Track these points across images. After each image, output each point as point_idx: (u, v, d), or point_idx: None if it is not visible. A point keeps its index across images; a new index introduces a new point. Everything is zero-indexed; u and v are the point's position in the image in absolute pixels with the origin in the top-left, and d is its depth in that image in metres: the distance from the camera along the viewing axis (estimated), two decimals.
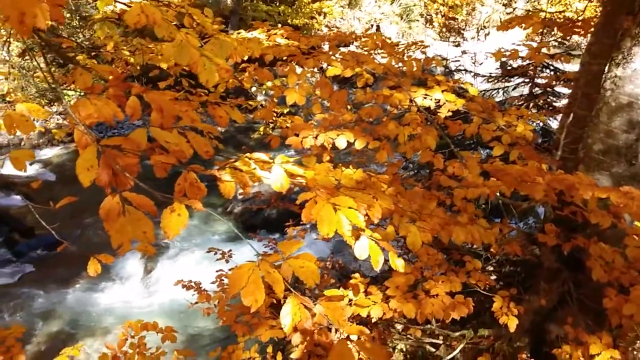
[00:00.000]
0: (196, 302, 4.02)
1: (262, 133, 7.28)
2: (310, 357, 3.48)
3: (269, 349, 3.66)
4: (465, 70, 7.03)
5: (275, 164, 2.01)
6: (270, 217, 8.78)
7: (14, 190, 10.06)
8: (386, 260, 1.94)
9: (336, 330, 3.60)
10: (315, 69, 3.68)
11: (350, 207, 1.84)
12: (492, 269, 4.98)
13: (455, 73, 7.11)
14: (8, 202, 9.65)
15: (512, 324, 3.05)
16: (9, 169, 11.05)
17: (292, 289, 1.61)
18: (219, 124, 2.12)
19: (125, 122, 13.43)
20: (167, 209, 1.50)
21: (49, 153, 12.01)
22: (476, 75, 6.84)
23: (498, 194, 3.59)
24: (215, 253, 4.42)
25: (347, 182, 2.52)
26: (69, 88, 11.55)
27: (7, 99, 11.29)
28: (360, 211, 1.87)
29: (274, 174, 1.96)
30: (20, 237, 8.58)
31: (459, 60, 7.24)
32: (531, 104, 6.58)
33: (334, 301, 1.68)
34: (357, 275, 3.31)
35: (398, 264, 2.03)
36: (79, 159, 1.46)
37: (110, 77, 1.82)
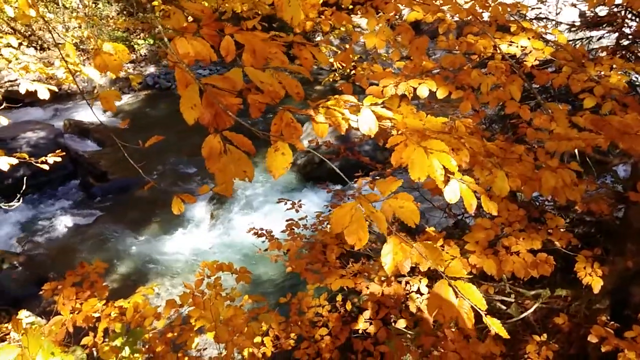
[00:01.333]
0: (266, 249, 4.10)
1: (330, 81, 7.15)
2: (380, 307, 3.50)
3: (338, 298, 3.70)
4: (546, 18, 6.55)
5: (364, 106, 1.95)
6: (333, 169, 8.77)
7: (88, 137, 10.53)
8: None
9: (406, 283, 3.58)
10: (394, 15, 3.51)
11: (441, 151, 1.78)
12: (562, 230, 4.78)
13: (534, 22, 6.65)
14: (83, 147, 10.14)
15: (597, 285, 2.91)
16: (82, 116, 11.55)
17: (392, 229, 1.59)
18: (303, 65, 2.06)
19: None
20: (271, 148, 1.49)
21: (120, 101, 12.40)
22: (557, 23, 6.37)
23: (577, 150, 3.36)
24: (285, 203, 4.45)
25: (432, 126, 2.43)
26: (138, 37, 11.78)
27: (81, 46, 11.63)
28: (450, 155, 1.81)
29: (363, 117, 1.90)
30: (95, 181, 9.03)
31: (539, 8, 6.75)
32: (617, 55, 6.08)
33: (432, 241, 1.65)
34: (431, 228, 3.25)
35: (491, 206, 1.96)
36: (182, 97, 1.45)
37: (203, 16, 1.78)
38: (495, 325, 1.82)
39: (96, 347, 2.50)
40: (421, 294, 3.51)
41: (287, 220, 4.08)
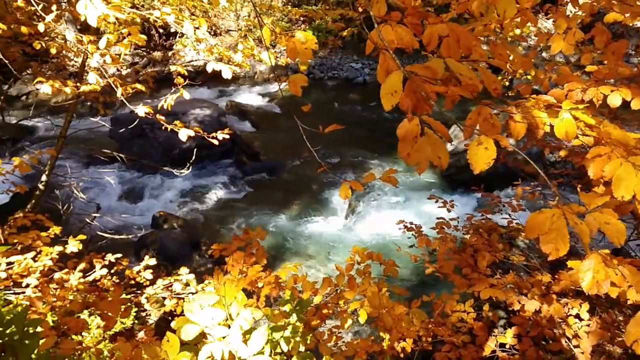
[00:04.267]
0: (412, 246, 4.07)
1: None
2: (532, 325, 3.29)
3: (485, 307, 3.55)
4: None
5: (563, 109, 1.84)
6: (477, 174, 8.43)
7: (245, 118, 11.33)
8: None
9: (565, 304, 3.32)
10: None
11: None
12: None
13: None
14: (241, 127, 10.93)
15: None
16: (242, 98, 12.46)
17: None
18: (498, 62, 1.99)
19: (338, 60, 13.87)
20: (474, 141, 1.47)
21: (275, 88, 13.20)
22: None
23: None
24: (437, 201, 4.37)
25: (630, 140, 2.21)
26: (299, 27, 12.36)
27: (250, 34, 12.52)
28: None
29: (563, 120, 1.79)
30: (248, 160, 9.70)
31: None
32: None
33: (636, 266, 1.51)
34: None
35: None
36: (384, 83, 1.48)
37: (405, 6, 1.80)
38: None
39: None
40: (580, 320, 3.24)
41: (437, 218, 4.00)
